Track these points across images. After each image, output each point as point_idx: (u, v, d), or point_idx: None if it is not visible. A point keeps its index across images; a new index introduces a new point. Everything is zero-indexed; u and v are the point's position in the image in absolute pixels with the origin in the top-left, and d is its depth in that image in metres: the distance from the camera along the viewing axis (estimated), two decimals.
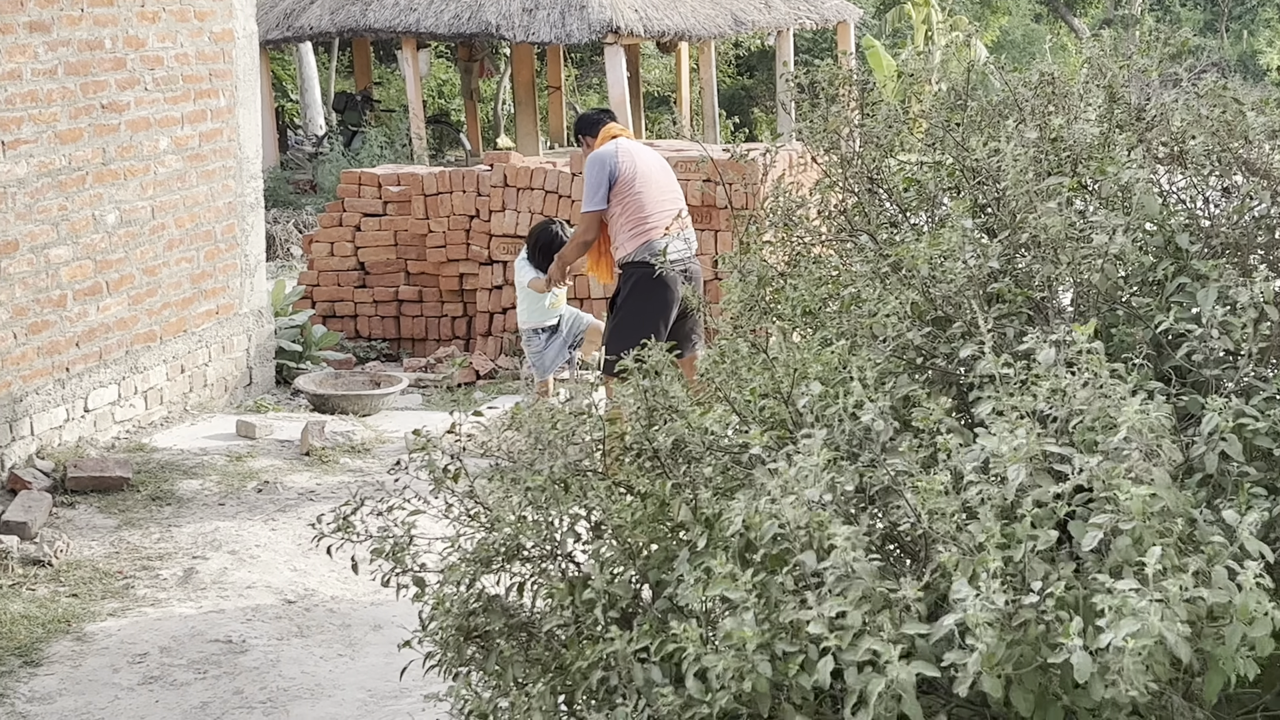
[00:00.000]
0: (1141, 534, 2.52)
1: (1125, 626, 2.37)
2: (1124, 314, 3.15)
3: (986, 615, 2.46)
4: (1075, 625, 2.44)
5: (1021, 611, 2.51)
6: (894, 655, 2.51)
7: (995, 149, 3.27)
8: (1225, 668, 2.52)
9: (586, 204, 8.27)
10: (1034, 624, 2.51)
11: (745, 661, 2.63)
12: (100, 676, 6.04)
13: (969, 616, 2.47)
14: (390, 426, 9.54)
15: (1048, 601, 2.51)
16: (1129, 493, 2.51)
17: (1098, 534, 2.56)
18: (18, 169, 7.95)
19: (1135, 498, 2.51)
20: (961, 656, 2.50)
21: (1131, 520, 2.52)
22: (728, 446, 3.16)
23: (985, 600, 2.48)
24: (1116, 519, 2.54)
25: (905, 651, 2.58)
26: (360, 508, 3.30)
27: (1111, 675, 2.39)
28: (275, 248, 16.62)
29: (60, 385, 8.37)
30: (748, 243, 3.69)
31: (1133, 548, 2.53)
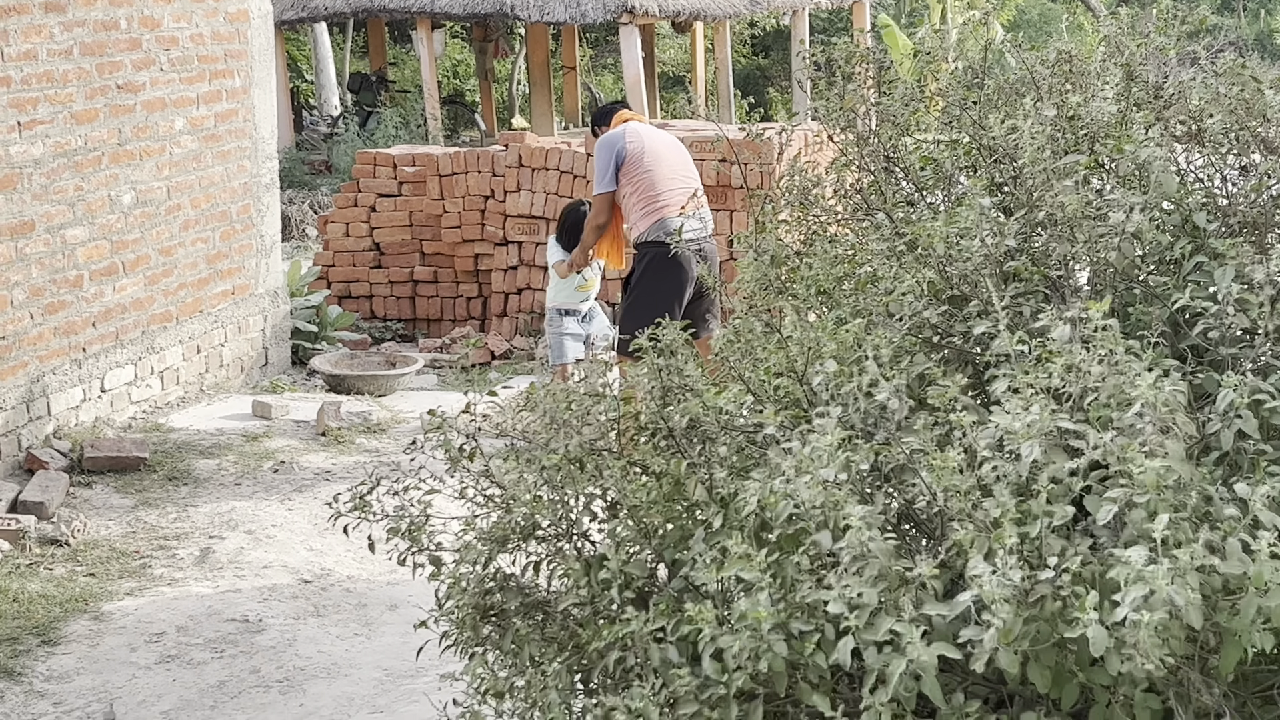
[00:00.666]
0: (1156, 507, 2.52)
1: (1135, 592, 2.37)
2: (1140, 293, 3.14)
3: (1003, 592, 2.46)
4: (1091, 600, 2.44)
5: (1038, 587, 2.51)
6: (915, 636, 2.50)
7: (1013, 127, 3.26)
8: (1241, 641, 2.52)
9: (596, 187, 8.31)
10: (1050, 599, 2.51)
11: (761, 641, 2.63)
12: (118, 655, 6.06)
13: (985, 593, 2.47)
14: (406, 407, 9.55)
15: (1063, 577, 2.51)
16: (1143, 466, 2.51)
17: (1112, 508, 2.56)
18: (34, 149, 7.96)
19: (1149, 471, 2.50)
20: (978, 633, 2.50)
21: (1145, 494, 2.52)
22: (743, 426, 3.15)
23: (1002, 576, 2.48)
24: (1131, 493, 2.54)
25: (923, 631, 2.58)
26: (376, 487, 3.31)
27: (1127, 650, 2.39)
28: (290, 228, 16.63)
29: (77, 365, 8.39)
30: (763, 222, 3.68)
31: (1147, 521, 2.52)
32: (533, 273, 11.64)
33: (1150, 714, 2.61)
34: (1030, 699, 2.73)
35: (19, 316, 7.93)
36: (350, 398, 9.68)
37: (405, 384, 10.12)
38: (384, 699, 5.73)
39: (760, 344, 3.32)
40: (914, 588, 2.60)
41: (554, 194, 11.41)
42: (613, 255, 8.51)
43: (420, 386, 10.21)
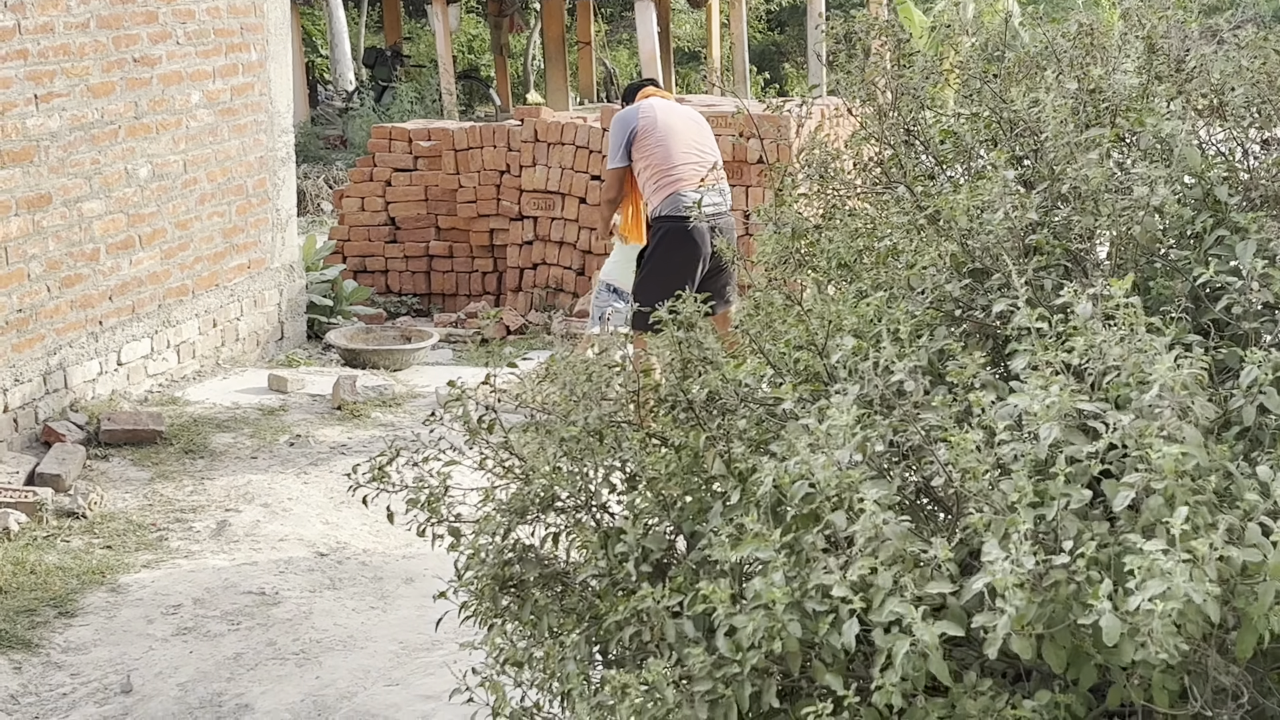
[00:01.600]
0: (1174, 493, 2.51)
1: (1152, 588, 2.36)
2: (1162, 267, 3.12)
3: (1015, 578, 2.45)
4: (1105, 587, 2.43)
5: (1052, 572, 2.50)
6: (917, 616, 2.50)
7: (1034, 100, 3.25)
8: (1258, 625, 2.51)
9: (608, 163, 8.32)
10: (1065, 584, 2.50)
11: (775, 621, 2.63)
12: (134, 627, 6.08)
13: (997, 580, 2.46)
14: (421, 381, 9.56)
15: (1079, 562, 2.50)
16: (1161, 451, 2.50)
17: (1129, 494, 2.54)
18: (50, 122, 7.97)
19: (1167, 456, 2.49)
20: (991, 618, 2.49)
21: (1164, 479, 2.50)
22: (762, 399, 3.15)
23: (1015, 562, 2.47)
24: (1149, 478, 2.52)
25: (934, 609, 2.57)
26: (396, 458, 3.31)
27: (1141, 637, 2.38)
28: (306, 203, 16.63)
29: (93, 339, 8.41)
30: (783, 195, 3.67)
31: (1164, 507, 2.51)
32: (548, 248, 11.63)
33: (1168, 694, 2.61)
34: (1047, 675, 2.72)
35: (36, 290, 7.94)
36: (366, 372, 9.68)
37: (420, 359, 10.13)
38: (400, 671, 5.75)
39: (780, 317, 3.31)
40: (928, 569, 2.60)
41: (569, 169, 11.40)
42: (634, 232, 8.49)
43: (435, 361, 10.22)
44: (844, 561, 2.65)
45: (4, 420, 7.70)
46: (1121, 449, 2.59)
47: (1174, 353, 2.63)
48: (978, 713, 2.60)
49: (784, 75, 27.53)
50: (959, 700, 2.61)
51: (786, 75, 27.49)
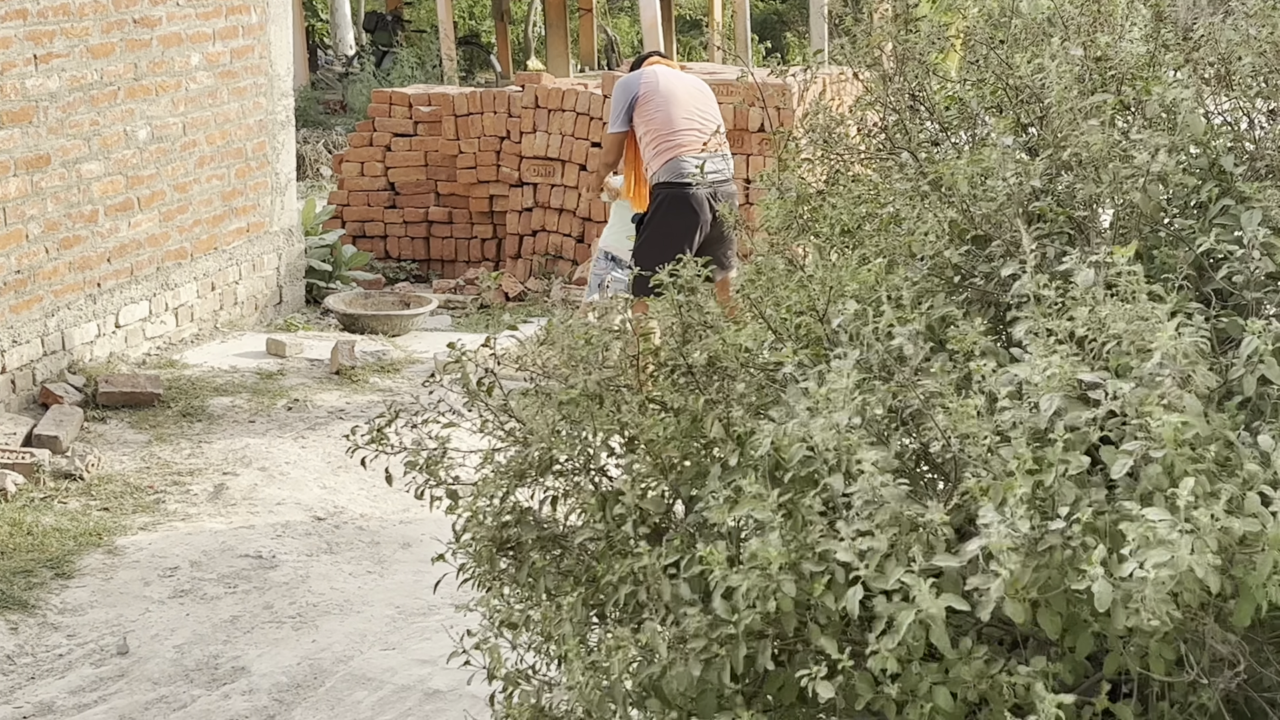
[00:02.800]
0: (1173, 462, 2.50)
1: (1154, 556, 2.35)
2: (1165, 236, 3.11)
3: (1010, 542, 2.45)
4: (1098, 553, 2.42)
5: (1047, 537, 2.49)
6: (924, 588, 2.49)
7: (1039, 66, 3.23)
8: (1256, 595, 2.51)
9: (609, 128, 8.33)
10: (1060, 549, 2.50)
11: (771, 582, 2.63)
12: (131, 589, 6.08)
13: (993, 544, 2.46)
14: (420, 347, 9.55)
15: (1075, 527, 2.49)
16: (1161, 420, 2.49)
17: (1128, 461, 2.54)
18: (49, 83, 7.94)
19: (1167, 425, 2.48)
20: (985, 581, 2.48)
21: (1163, 448, 2.50)
22: (762, 364, 3.14)
23: (1010, 527, 2.47)
24: (1148, 446, 2.52)
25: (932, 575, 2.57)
26: (395, 420, 3.30)
27: (1134, 604, 2.38)
28: (305, 167, 16.59)
29: (92, 301, 8.39)
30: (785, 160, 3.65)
31: (1163, 475, 2.51)
32: (547, 214, 11.61)
33: (1164, 662, 2.60)
34: (1043, 642, 2.72)
35: (34, 251, 7.92)
36: (364, 337, 9.68)
37: (419, 324, 10.12)
38: (396, 636, 5.75)
39: (782, 282, 3.30)
40: (925, 534, 2.59)
41: (569, 136, 11.37)
42: (637, 197, 8.48)
43: (434, 327, 10.21)
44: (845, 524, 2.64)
45: (2, 381, 7.69)
46: (1121, 417, 2.59)
47: (1175, 321, 2.62)
48: (973, 679, 2.59)
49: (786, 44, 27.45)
50: (954, 666, 2.61)
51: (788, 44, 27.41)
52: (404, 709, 5.20)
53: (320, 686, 5.36)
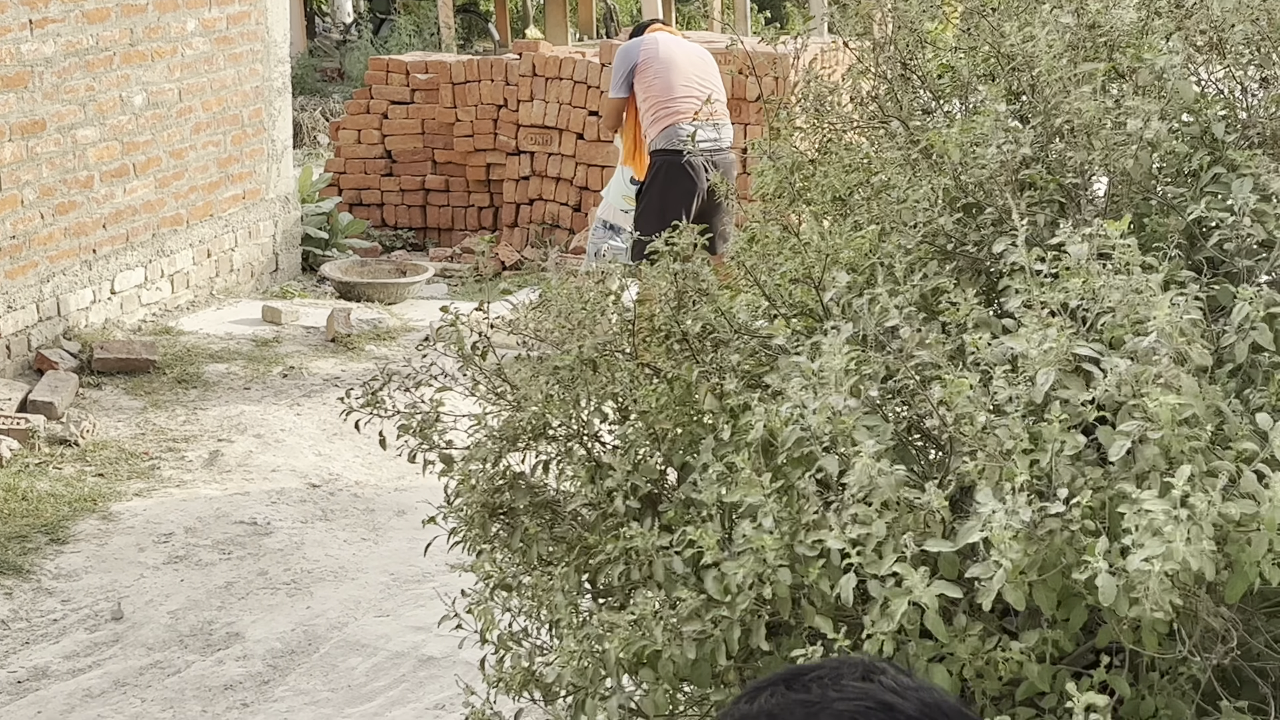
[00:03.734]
0: (1170, 443, 2.50)
1: (1151, 549, 2.35)
2: (1157, 204, 3.11)
3: (1011, 531, 2.44)
4: (1100, 545, 2.42)
5: (1047, 521, 2.49)
6: (916, 579, 2.49)
7: (1030, 34, 3.22)
8: (1249, 573, 2.51)
9: (609, 93, 8.36)
10: (1059, 533, 2.49)
11: (765, 568, 2.63)
12: (126, 555, 6.10)
13: (995, 535, 2.45)
14: (416, 315, 9.55)
15: (1074, 511, 2.49)
16: (1158, 400, 2.49)
17: (1125, 443, 2.53)
18: (45, 48, 7.92)
19: (1164, 406, 2.48)
20: (987, 571, 2.48)
21: (1160, 429, 2.50)
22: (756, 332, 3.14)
23: (1010, 514, 2.46)
24: (1145, 427, 2.52)
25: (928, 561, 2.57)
26: (389, 383, 3.31)
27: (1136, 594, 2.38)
28: (302, 135, 16.55)
29: (87, 267, 8.39)
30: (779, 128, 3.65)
31: (1160, 456, 2.51)
32: (544, 183, 11.59)
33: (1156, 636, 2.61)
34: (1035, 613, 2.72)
35: (29, 216, 7.92)
36: (360, 305, 9.67)
37: (415, 292, 10.11)
38: (390, 603, 5.77)
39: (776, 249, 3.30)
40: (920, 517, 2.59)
41: (567, 104, 11.34)
42: (637, 163, 8.49)
43: (430, 295, 10.21)
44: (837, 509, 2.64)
45: None
46: (1117, 395, 2.59)
47: (1170, 293, 2.61)
48: (967, 655, 2.60)
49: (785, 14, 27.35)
50: (949, 644, 2.61)
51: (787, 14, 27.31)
52: (397, 675, 5.22)
53: (314, 653, 5.38)
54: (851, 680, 1.33)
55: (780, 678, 1.36)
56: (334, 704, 5.07)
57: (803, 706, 1.32)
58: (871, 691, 1.32)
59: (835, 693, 1.32)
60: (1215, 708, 2.64)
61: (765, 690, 1.35)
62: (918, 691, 1.33)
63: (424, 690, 5.14)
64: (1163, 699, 2.70)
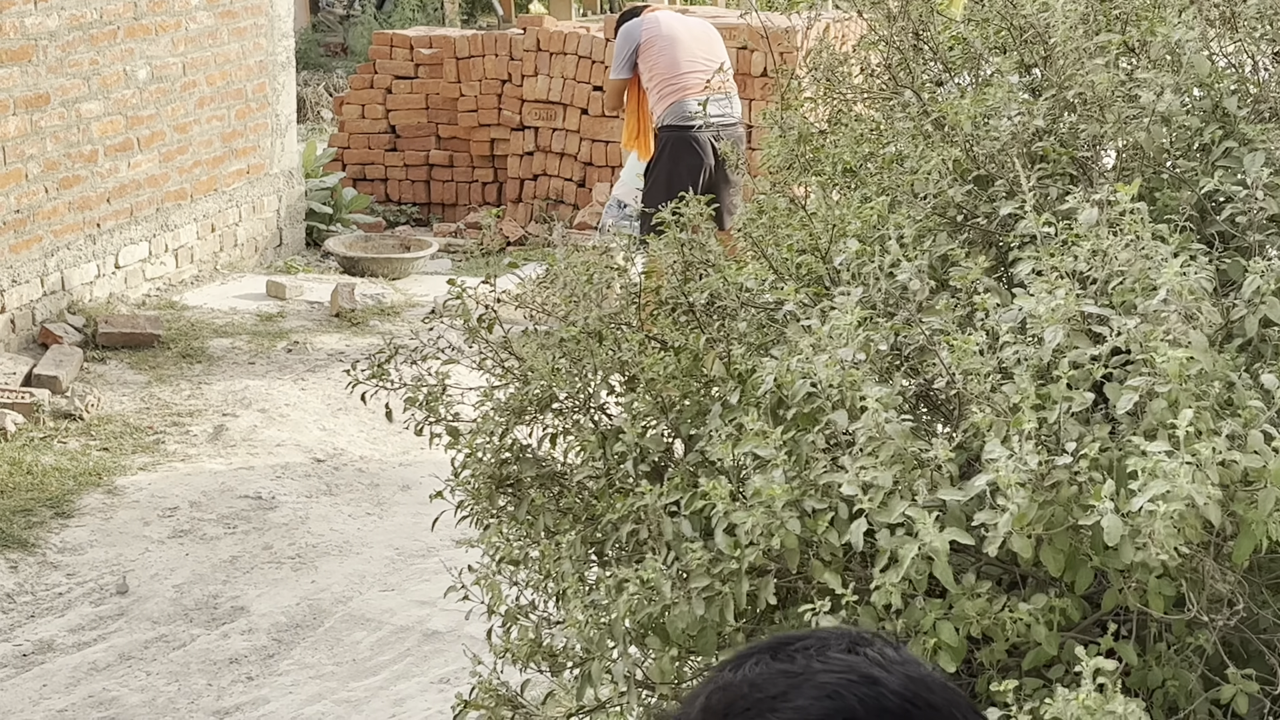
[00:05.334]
0: (1177, 397, 2.50)
1: (1155, 488, 2.35)
2: (1169, 177, 3.10)
3: (1018, 476, 2.44)
4: (1107, 488, 2.42)
5: (1054, 472, 2.49)
6: (928, 521, 2.49)
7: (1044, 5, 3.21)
8: (1256, 532, 2.51)
9: (611, 73, 8.33)
10: (1066, 485, 2.50)
11: (774, 518, 2.62)
12: (131, 529, 6.10)
13: (1000, 478, 2.45)
14: (420, 290, 9.54)
15: (1081, 463, 2.49)
16: (1165, 355, 2.48)
17: (1133, 397, 2.53)
18: (49, 21, 7.89)
19: (1171, 360, 2.48)
20: (992, 517, 2.48)
21: (1167, 383, 2.49)
22: (763, 303, 3.13)
23: (1018, 461, 2.46)
24: (1153, 382, 2.51)
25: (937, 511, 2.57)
26: (394, 356, 3.30)
27: (1142, 539, 2.38)
28: (306, 110, 16.51)
29: (91, 241, 8.37)
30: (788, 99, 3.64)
31: (1168, 410, 2.50)
32: (548, 159, 11.56)
33: (1164, 600, 2.61)
34: (1043, 580, 2.72)
35: (34, 190, 7.90)
36: (364, 280, 9.66)
37: (419, 268, 10.10)
38: (395, 577, 5.77)
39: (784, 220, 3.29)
40: (929, 470, 2.59)
41: (571, 79, 11.31)
42: (642, 146, 8.46)
43: (434, 270, 10.20)
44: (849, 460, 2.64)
45: (1, 321, 7.69)
46: (1125, 353, 2.58)
47: (1181, 258, 2.61)
48: (975, 614, 2.60)
49: None
50: (957, 602, 2.61)
51: None
52: (402, 649, 5.22)
53: (319, 627, 5.38)
54: (837, 651, 1.31)
55: (766, 646, 1.34)
56: (339, 678, 5.07)
57: (785, 676, 1.30)
58: (855, 664, 1.30)
59: (820, 664, 1.30)
60: (1222, 678, 2.64)
61: (750, 659, 1.33)
62: (903, 665, 1.31)
63: (429, 664, 5.14)
64: (1170, 669, 2.70)
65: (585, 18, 21.14)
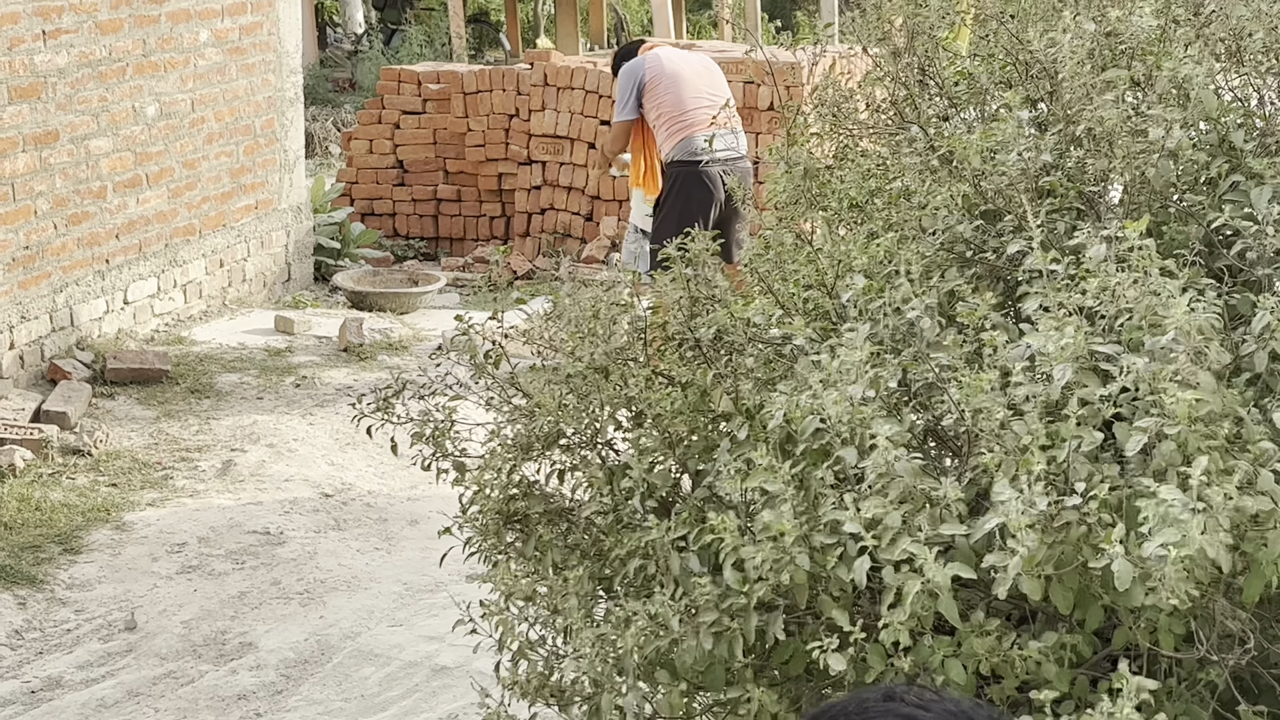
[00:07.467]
0: (1186, 439, 2.49)
1: (1166, 535, 2.34)
2: (1176, 212, 3.10)
3: (1027, 519, 2.44)
4: (1118, 531, 2.41)
5: (1064, 513, 2.48)
6: (929, 557, 2.49)
7: (1051, 41, 3.21)
8: (1266, 572, 2.50)
9: (616, 114, 8.32)
10: (1076, 525, 2.49)
11: (783, 554, 2.62)
12: (139, 565, 6.09)
13: (1010, 522, 2.44)
14: (428, 325, 9.55)
15: (1091, 503, 2.49)
16: (1174, 397, 2.48)
17: (1142, 438, 2.53)
18: (58, 59, 7.93)
19: (1181, 402, 2.47)
20: (1002, 559, 2.47)
21: (1177, 425, 2.49)
22: (770, 338, 3.13)
23: (1027, 502, 2.46)
24: (1162, 423, 2.51)
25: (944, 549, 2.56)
26: (402, 391, 3.30)
27: (1153, 582, 2.37)
28: (314, 145, 16.57)
29: (100, 277, 8.39)
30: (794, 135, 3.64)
31: (1177, 452, 2.50)
32: (556, 193, 11.59)
33: (1174, 638, 2.60)
34: (1053, 616, 2.71)
35: (43, 227, 7.92)
36: (372, 315, 9.67)
37: (427, 302, 10.11)
38: (403, 612, 5.76)
39: (790, 256, 3.29)
40: (938, 509, 2.58)
41: (579, 114, 11.35)
42: (649, 183, 8.48)
43: (442, 305, 10.21)
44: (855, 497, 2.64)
45: (10, 357, 7.70)
46: (1134, 392, 2.57)
47: (1188, 295, 2.60)
48: (984, 652, 2.59)
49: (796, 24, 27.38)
50: (966, 639, 2.60)
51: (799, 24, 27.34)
52: (411, 685, 5.21)
53: (327, 662, 5.37)
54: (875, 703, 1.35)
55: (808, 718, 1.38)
56: (347, 714, 5.06)
57: None
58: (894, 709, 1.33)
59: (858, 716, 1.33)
60: (1234, 714, 2.63)
61: None
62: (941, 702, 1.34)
63: (437, 700, 5.12)
64: (1181, 704, 2.69)
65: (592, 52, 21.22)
